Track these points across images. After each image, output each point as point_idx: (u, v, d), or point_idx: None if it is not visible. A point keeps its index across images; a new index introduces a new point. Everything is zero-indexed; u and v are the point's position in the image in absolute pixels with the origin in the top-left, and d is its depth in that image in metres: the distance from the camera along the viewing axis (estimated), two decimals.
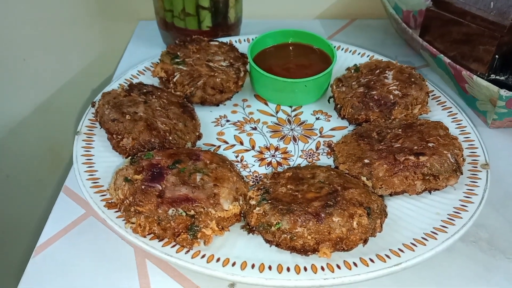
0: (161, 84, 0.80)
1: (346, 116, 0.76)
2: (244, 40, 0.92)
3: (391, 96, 0.74)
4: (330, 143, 0.74)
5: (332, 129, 0.77)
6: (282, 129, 0.76)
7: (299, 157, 0.72)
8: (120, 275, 0.58)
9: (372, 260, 0.54)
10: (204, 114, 0.78)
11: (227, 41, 0.89)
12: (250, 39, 0.92)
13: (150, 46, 1.00)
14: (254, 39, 0.84)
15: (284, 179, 0.61)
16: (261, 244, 0.56)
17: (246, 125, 0.77)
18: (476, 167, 0.66)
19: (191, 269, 0.53)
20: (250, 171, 0.69)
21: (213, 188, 0.58)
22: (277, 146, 0.73)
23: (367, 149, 0.66)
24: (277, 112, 0.80)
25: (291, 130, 0.76)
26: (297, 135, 0.75)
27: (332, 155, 0.70)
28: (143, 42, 1.03)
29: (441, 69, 0.84)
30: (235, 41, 0.92)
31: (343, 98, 0.77)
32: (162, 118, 0.70)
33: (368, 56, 0.88)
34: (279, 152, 0.72)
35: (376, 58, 0.86)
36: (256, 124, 0.77)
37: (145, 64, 0.85)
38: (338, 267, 0.53)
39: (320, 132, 0.76)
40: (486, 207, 0.65)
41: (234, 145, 0.73)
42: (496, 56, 0.83)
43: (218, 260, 0.54)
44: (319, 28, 1.08)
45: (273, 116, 0.79)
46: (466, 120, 0.74)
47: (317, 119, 0.79)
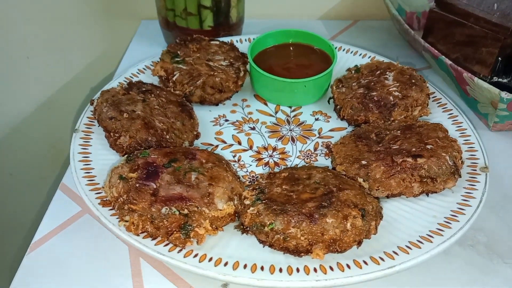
0: (160, 83, 0.80)
1: (346, 117, 0.76)
2: (246, 40, 0.92)
3: (391, 98, 0.73)
4: (329, 144, 0.73)
5: (331, 130, 0.76)
6: (281, 129, 0.76)
7: (297, 157, 0.71)
8: (113, 273, 0.58)
9: (365, 262, 0.53)
10: (203, 114, 0.78)
11: (228, 41, 0.89)
12: (251, 39, 0.92)
13: (152, 45, 1.00)
14: (254, 39, 0.84)
15: (279, 179, 0.61)
16: (254, 244, 0.56)
17: (244, 125, 0.77)
18: (475, 170, 0.65)
19: (183, 268, 0.52)
20: (247, 171, 0.69)
21: (208, 187, 0.58)
22: (275, 147, 0.73)
23: (365, 150, 0.65)
24: (276, 112, 0.79)
25: (290, 130, 0.76)
26: (296, 136, 0.75)
27: (330, 156, 0.70)
28: (145, 41, 1.03)
29: (443, 71, 0.83)
30: (236, 41, 0.92)
31: (342, 99, 0.76)
32: (160, 117, 0.70)
33: (369, 57, 0.87)
34: (276, 152, 0.72)
35: (377, 59, 0.85)
36: (255, 124, 0.77)
37: (146, 62, 0.85)
38: (331, 268, 0.52)
39: (319, 133, 0.75)
40: (485, 210, 0.65)
41: (232, 145, 0.73)
42: (499, 58, 0.82)
43: (210, 259, 0.53)
44: (322, 28, 1.08)
45: (272, 116, 0.79)
46: (467, 123, 0.73)
47: (317, 119, 0.78)
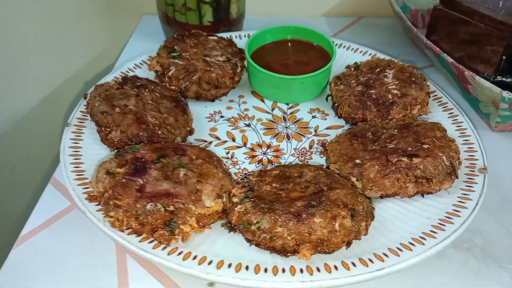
0: (156, 78, 0.79)
1: (343, 115, 0.74)
2: (245, 36, 0.91)
3: (390, 96, 0.71)
4: (324, 142, 0.72)
5: (328, 128, 0.74)
6: (276, 126, 0.75)
7: (291, 155, 0.70)
8: (99, 269, 0.57)
9: (354, 264, 0.51)
10: (198, 109, 0.77)
11: (227, 36, 0.88)
12: (251, 35, 0.90)
13: (152, 41, 0.99)
14: (252, 35, 0.82)
15: (270, 177, 0.59)
16: (241, 243, 0.55)
17: (240, 121, 0.75)
18: (473, 171, 0.63)
19: (166, 266, 0.51)
20: (239, 168, 0.67)
21: (196, 184, 0.57)
22: (270, 144, 0.71)
23: (360, 149, 0.64)
24: (273, 109, 0.78)
25: (286, 127, 0.74)
26: (291, 133, 0.73)
27: (325, 154, 0.68)
28: (145, 36, 1.02)
29: (445, 69, 0.81)
30: (236, 37, 0.90)
31: (340, 97, 0.74)
32: (153, 112, 0.69)
33: (370, 54, 0.86)
34: (271, 149, 0.70)
35: (378, 57, 0.83)
36: (250, 120, 0.76)
37: (143, 57, 0.84)
38: (318, 270, 0.51)
39: (315, 131, 0.74)
40: (483, 213, 0.63)
41: (225, 142, 0.72)
42: (504, 57, 0.79)
43: (195, 258, 0.52)
44: (324, 25, 1.06)
45: (268, 113, 0.77)
46: (467, 122, 0.71)
47: (314, 117, 0.77)
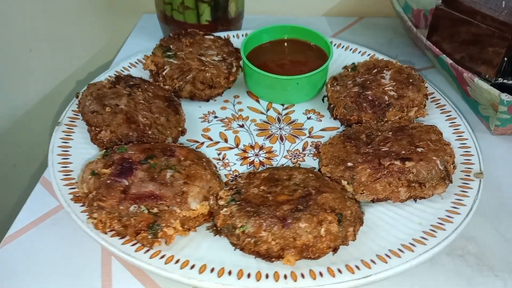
0: (151, 77, 0.79)
1: (338, 116, 0.73)
2: (243, 35, 0.89)
3: (386, 97, 0.70)
4: (318, 144, 0.70)
5: (323, 130, 0.73)
6: (270, 127, 0.73)
7: (284, 157, 0.68)
8: (84, 271, 0.56)
9: (340, 271, 0.50)
10: (192, 109, 0.76)
11: (225, 36, 0.87)
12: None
13: (150, 40, 0.98)
14: (248, 34, 0.81)
15: (259, 179, 0.58)
16: (226, 247, 0.54)
17: (233, 122, 0.74)
18: (468, 175, 0.61)
19: (148, 270, 0.50)
20: (230, 170, 0.66)
21: (183, 186, 0.56)
22: (262, 145, 0.70)
23: (352, 151, 0.62)
24: (267, 110, 0.77)
25: (279, 129, 0.73)
26: (285, 135, 0.72)
27: (318, 156, 0.67)
28: (144, 35, 1.01)
29: (445, 71, 0.79)
30: (233, 36, 0.89)
31: (336, 98, 0.73)
32: (144, 112, 0.68)
33: (369, 55, 0.84)
34: (263, 151, 0.69)
35: (376, 58, 0.82)
36: (244, 121, 0.74)
37: (138, 56, 0.84)
38: (302, 276, 0.49)
39: (310, 132, 0.72)
40: (479, 218, 0.61)
41: (218, 142, 0.71)
42: (505, 59, 0.77)
43: (177, 261, 0.51)
44: (326, 25, 1.04)
45: (263, 114, 0.76)
46: (465, 125, 0.69)
47: (309, 118, 0.75)
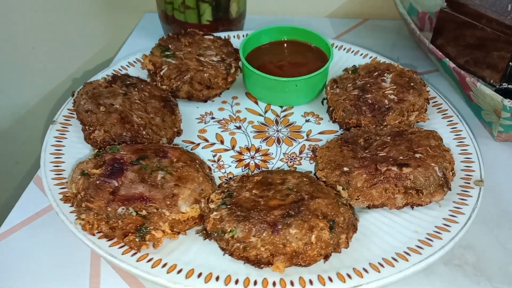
0: (149, 77, 0.78)
1: (337, 119, 0.71)
2: (243, 36, 0.88)
3: (386, 101, 0.68)
4: (315, 147, 0.69)
5: (321, 133, 0.72)
6: (268, 129, 0.72)
7: (280, 160, 0.67)
8: (72, 272, 0.55)
9: (330, 279, 0.48)
10: (190, 110, 0.75)
11: (225, 36, 0.86)
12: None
13: (151, 39, 0.97)
14: (248, 35, 0.80)
15: (252, 183, 0.57)
16: (216, 251, 0.52)
17: (230, 123, 0.73)
18: (468, 183, 0.60)
19: (134, 273, 0.49)
20: (225, 172, 0.65)
21: (173, 188, 0.55)
22: (259, 148, 0.69)
23: (349, 156, 0.61)
24: (265, 112, 0.75)
25: (277, 131, 0.72)
26: (282, 137, 0.71)
27: (314, 160, 0.65)
28: (145, 34, 1.00)
29: (448, 75, 0.77)
30: (234, 36, 0.88)
31: (335, 100, 0.72)
32: (139, 112, 0.67)
33: (370, 57, 0.82)
34: (259, 153, 0.68)
35: (377, 60, 0.80)
36: (241, 123, 0.73)
37: (137, 55, 0.83)
38: (292, 283, 0.48)
39: (307, 135, 0.71)
40: (478, 227, 0.59)
41: (214, 144, 0.70)
42: (510, 64, 0.75)
43: (164, 265, 0.50)
44: (329, 27, 1.03)
45: (261, 115, 0.75)
46: (467, 131, 0.67)
47: (307, 121, 0.74)
